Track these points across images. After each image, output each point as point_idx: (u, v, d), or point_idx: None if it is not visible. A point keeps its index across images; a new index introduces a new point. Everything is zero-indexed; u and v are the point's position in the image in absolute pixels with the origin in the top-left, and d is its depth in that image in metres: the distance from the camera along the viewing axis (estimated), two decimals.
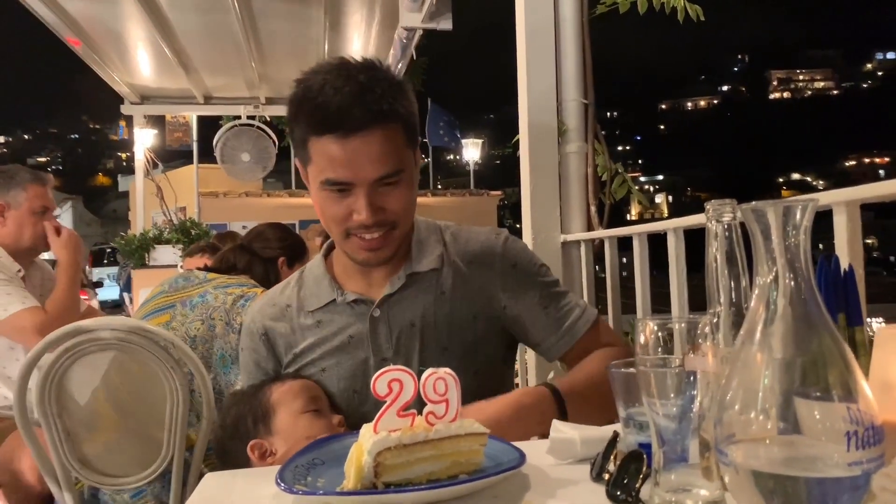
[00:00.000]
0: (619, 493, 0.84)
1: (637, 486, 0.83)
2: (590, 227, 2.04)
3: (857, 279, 0.89)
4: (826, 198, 1.17)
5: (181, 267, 4.92)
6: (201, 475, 2.18)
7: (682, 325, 0.82)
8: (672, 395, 0.81)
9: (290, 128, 1.30)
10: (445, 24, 2.98)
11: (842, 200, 1.15)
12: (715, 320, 0.90)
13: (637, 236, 1.68)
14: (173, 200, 8.04)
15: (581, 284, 2.04)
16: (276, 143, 7.49)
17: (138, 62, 6.12)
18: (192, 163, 10.87)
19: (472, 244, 1.42)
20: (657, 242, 1.62)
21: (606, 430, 1.05)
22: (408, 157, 1.29)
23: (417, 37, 3.82)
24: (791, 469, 0.71)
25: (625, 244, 1.85)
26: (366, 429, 0.98)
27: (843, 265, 0.90)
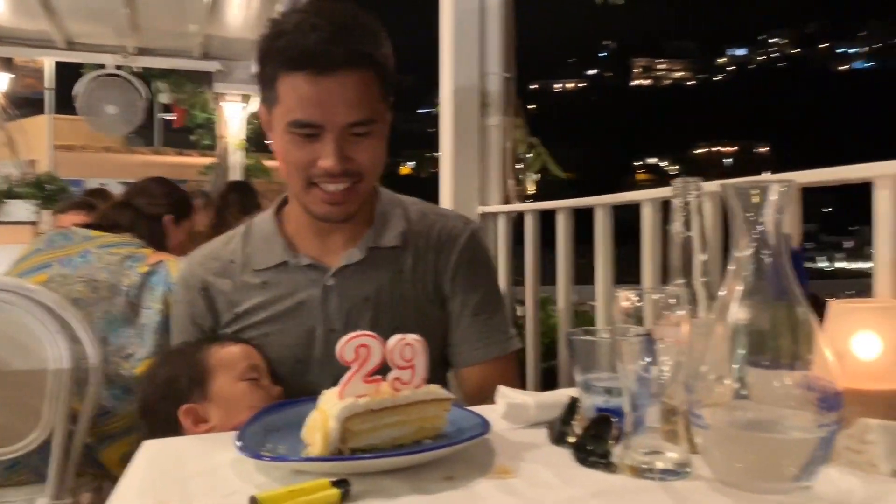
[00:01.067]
0: (589, 456, 0.87)
1: (608, 448, 0.87)
2: (507, 200, 2.08)
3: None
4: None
5: (51, 225, 4.57)
6: (88, 446, 2.07)
7: (655, 296, 0.86)
8: (644, 362, 0.85)
9: (259, 66, 1.23)
10: None
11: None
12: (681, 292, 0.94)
13: (561, 211, 1.72)
14: (23, 152, 7.45)
15: (497, 257, 2.07)
16: (145, 96, 7.06)
17: None
18: (42, 112, 10.04)
19: (437, 227, 1.38)
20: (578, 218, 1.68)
21: (559, 395, 1.08)
22: (382, 110, 1.24)
23: None
24: (764, 430, 0.76)
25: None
26: (329, 394, 0.96)
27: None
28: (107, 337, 2.20)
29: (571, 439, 0.93)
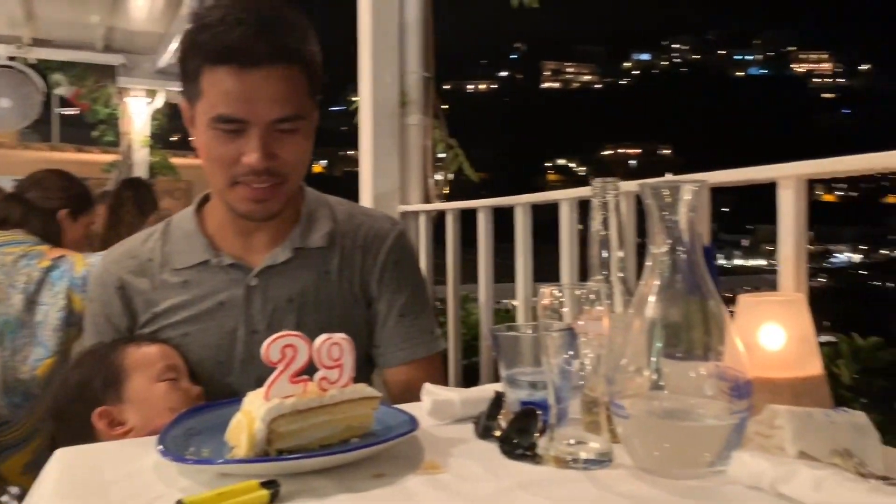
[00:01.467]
0: (515, 449, 0.89)
1: (533, 441, 0.89)
2: (427, 199, 2.09)
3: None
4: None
5: None
6: None
7: (576, 292, 0.89)
8: (567, 356, 0.87)
9: (182, 59, 1.19)
10: None
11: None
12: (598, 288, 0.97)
13: (482, 210, 1.74)
14: None
15: (419, 255, 2.08)
16: (42, 89, 6.72)
17: None
18: None
19: (364, 228, 1.37)
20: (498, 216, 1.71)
21: (483, 391, 1.10)
22: (308, 107, 1.22)
23: None
24: (680, 419, 0.80)
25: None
26: (254, 396, 0.94)
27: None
28: (2, 341, 2.09)
29: (497, 433, 0.95)
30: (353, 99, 2.13)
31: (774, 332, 0.90)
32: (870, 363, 1.77)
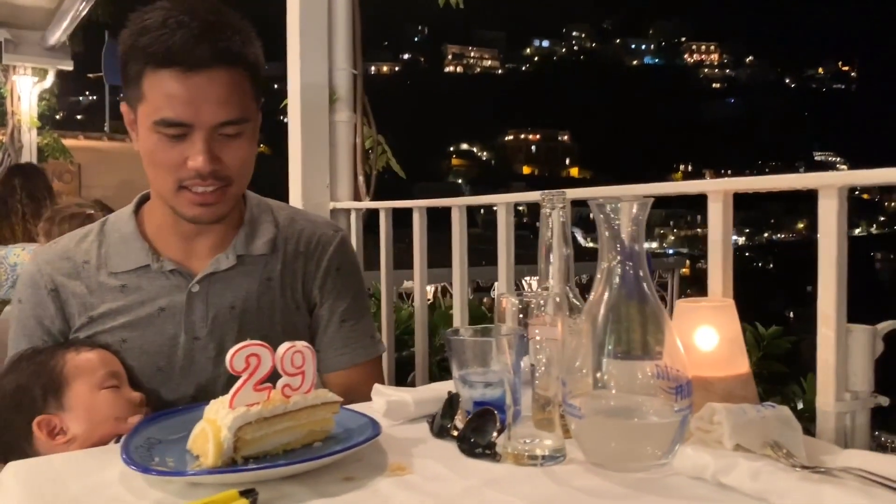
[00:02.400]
0: (475, 447, 0.95)
1: (491, 440, 0.95)
2: (356, 196, 2.11)
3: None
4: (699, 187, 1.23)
5: None
6: None
7: (531, 299, 0.95)
8: (523, 359, 0.93)
9: (123, 63, 1.17)
10: None
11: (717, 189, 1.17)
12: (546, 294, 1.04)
13: (417, 210, 1.78)
14: None
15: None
16: None
17: None
18: None
19: (306, 234, 1.38)
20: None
21: (435, 390, 1.15)
22: (252, 111, 1.22)
23: None
24: (629, 417, 0.87)
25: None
26: (217, 404, 0.96)
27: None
28: None
29: (455, 433, 1.00)
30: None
31: (708, 335, 0.99)
32: (770, 350, 1.93)
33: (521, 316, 0.93)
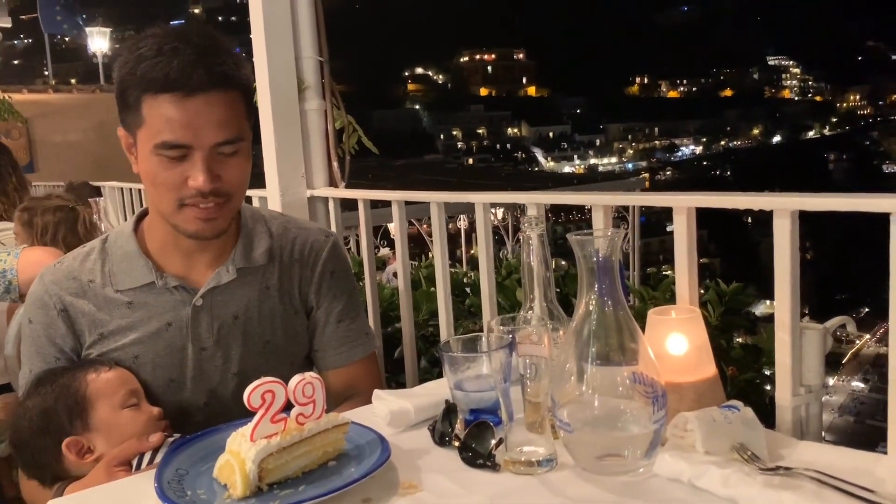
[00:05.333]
0: (476, 458, 1.06)
1: (490, 451, 1.05)
2: (332, 182, 2.15)
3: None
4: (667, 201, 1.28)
5: None
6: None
7: (523, 321, 1.05)
8: (511, 369, 1.04)
9: (119, 91, 1.22)
10: None
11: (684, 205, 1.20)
12: (530, 313, 1.13)
13: (396, 203, 1.84)
14: None
15: None
16: None
17: None
18: None
19: (299, 241, 1.45)
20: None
21: (433, 395, 1.25)
22: (246, 129, 1.28)
23: None
24: (612, 424, 0.99)
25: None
26: (239, 436, 1.05)
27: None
28: None
29: (456, 443, 1.10)
30: None
31: (678, 342, 1.10)
32: (731, 305, 2.06)
33: (508, 336, 1.03)
